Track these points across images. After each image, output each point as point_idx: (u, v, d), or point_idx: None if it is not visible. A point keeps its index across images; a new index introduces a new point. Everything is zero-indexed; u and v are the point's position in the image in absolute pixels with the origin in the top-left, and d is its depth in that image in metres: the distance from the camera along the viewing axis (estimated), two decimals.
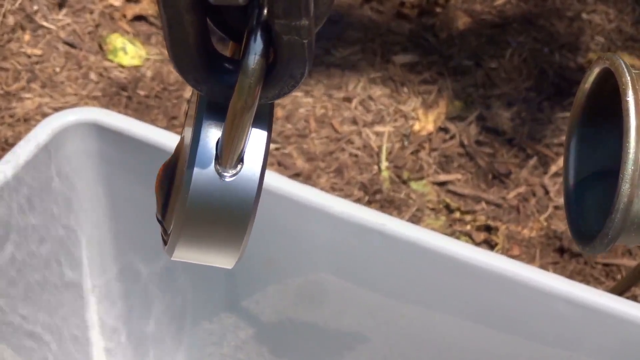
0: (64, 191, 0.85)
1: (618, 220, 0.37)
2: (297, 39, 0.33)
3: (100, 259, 0.90)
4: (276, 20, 0.33)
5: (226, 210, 0.35)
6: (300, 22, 0.33)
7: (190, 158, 0.35)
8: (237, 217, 0.36)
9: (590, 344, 0.77)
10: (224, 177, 0.35)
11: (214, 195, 0.35)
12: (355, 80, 1.44)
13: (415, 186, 1.31)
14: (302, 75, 0.34)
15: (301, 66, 0.34)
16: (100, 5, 1.51)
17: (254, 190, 0.35)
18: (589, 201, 0.41)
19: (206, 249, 0.36)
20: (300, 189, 0.81)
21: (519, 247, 1.26)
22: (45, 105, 1.38)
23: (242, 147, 0.35)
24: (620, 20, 1.54)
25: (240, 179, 0.35)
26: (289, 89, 0.35)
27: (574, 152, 0.42)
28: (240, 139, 0.35)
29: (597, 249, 0.38)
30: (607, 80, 0.40)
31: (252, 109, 0.34)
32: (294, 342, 0.89)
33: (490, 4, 1.55)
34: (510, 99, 1.42)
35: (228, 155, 0.35)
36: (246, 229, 0.36)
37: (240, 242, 0.36)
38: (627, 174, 0.36)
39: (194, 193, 0.35)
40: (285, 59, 0.34)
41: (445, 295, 0.80)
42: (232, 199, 0.35)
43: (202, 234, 0.36)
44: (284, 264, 0.85)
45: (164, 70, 1.43)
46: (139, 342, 0.94)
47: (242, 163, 0.35)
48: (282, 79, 0.35)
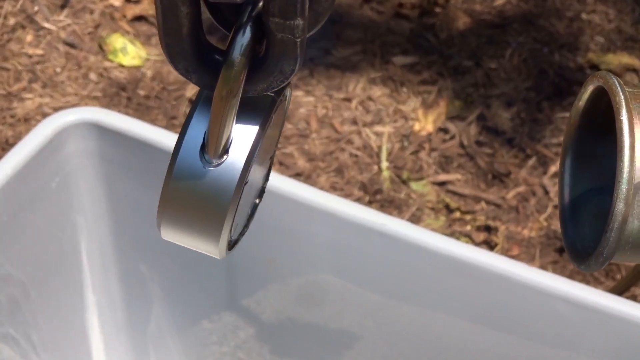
0: (64, 191, 0.85)
1: (612, 239, 0.37)
2: (290, 37, 0.35)
3: (100, 259, 0.90)
4: (271, 18, 0.34)
5: (206, 198, 0.36)
6: (294, 21, 0.34)
7: (177, 144, 0.37)
8: (216, 206, 0.37)
9: (590, 344, 0.77)
10: (207, 166, 0.36)
11: (195, 181, 0.36)
12: (355, 80, 1.44)
13: (415, 186, 1.31)
14: (292, 71, 0.36)
15: (292, 63, 0.35)
16: (101, 5, 1.51)
17: (234, 182, 0.36)
18: (584, 218, 0.41)
19: (189, 233, 0.38)
20: (300, 189, 0.81)
21: (518, 247, 1.26)
22: (46, 105, 1.38)
23: (227, 136, 0.36)
24: (620, 20, 1.54)
25: (223, 169, 0.36)
26: (277, 84, 0.36)
27: (569, 169, 0.42)
28: (224, 127, 0.36)
29: (592, 267, 0.38)
30: (601, 97, 0.40)
31: (234, 99, 0.35)
32: (294, 341, 0.89)
33: (490, 4, 1.55)
34: (510, 99, 1.42)
35: (212, 143, 0.36)
36: (224, 219, 0.37)
37: (218, 231, 0.37)
38: (622, 193, 0.36)
39: (176, 177, 0.36)
40: (277, 55, 0.35)
41: (445, 295, 0.80)
42: (213, 188, 0.36)
43: (183, 217, 0.37)
44: (284, 264, 0.85)
45: (164, 71, 1.43)
46: (139, 342, 0.94)
47: (227, 154, 0.36)
48: (272, 73, 0.36)
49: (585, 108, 0.41)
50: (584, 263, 0.39)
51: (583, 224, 0.41)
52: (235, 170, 0.36)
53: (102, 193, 0.87)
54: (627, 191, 0.36)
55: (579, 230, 0.41)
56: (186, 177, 0.36)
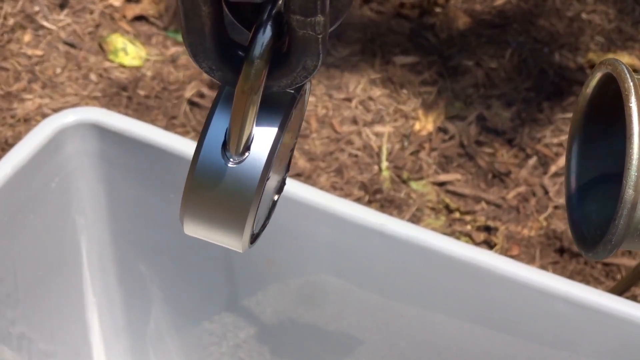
0: (64, 191, 0.85)
1: (621, 226, 0.37)
2: (312, 34, 0.35)
3: (100, 259, 0.90)
4: (292, 16, 0.35)
5: (229, 195, 0.37)
6: (315, 18, 0.35)
7: (199, 141, 0.37)
8: (239, 203, 0.37)
9: (589, 344, 0.77)
10: (229, 163, 0.37)
11: (217, 178, 0.37)
12: (355, 80, 1.44)
13: (415, 186, 1.31)
14: (315, 67, 0.36)
15: (315, 59, 0.36)
16: (101, 5, 1.51)
17: (256, 179, 0.37)
18: (591, 205, 0.41)
19: (212, 228, 0.38)
20: (300, 189, 0.81)
21: (518, 247, 1.26)
22: (46, 105, 1.38)
23: (249, 133, 0.36)
24: (620, 20, 1.54)
25: (245, 166, 0.37)
26: (301, 80, 0.37)
27: (575, 156, 0.42)
28: (245, 124, 0.36)
29: (600, 255, 0.38)
30: (609, 85, 0.40)
31: (256, 95, 0.36)
32: (294, 341, 0.89)
33: (490, 4, 1.55)
34: (510, 99, 1.42)
35: (233, 140, 0.36)
36: (247, 215, 0.37)
37: (241, 227, 0.38)
38: (631, 180, 0.36)
39: (198, 174, 0.37)
40: (300, 52, 0.36)
41: (445, 295, 0.80)
42: (234, 185, 0.37)
43: (206, 213, 0.38)
44: (284, 264, 0.85)
45: (164, 71, 1.43)
46: (138, 342, 0.94)
47: (249, 151, 0.37)
48: (295, 69, 0.36)
49: (593, 95, 0.41)
50: (592, 250, 0.39)
51: (590, 211, 0.41)
52: (257, 167, 0.37)
53: (101, 193, 0.87)
54: (636, 178, 0.36)
55: (585, 217, 0.41)
56: (208, 174, 0.37)
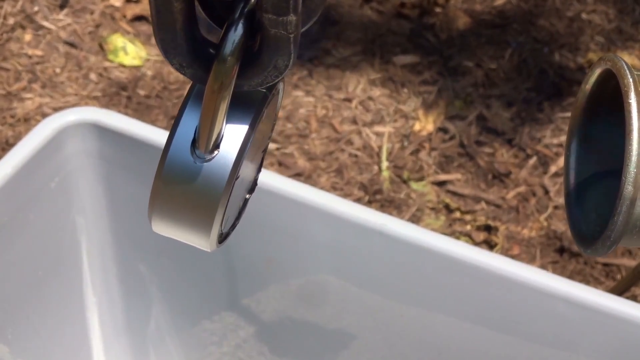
0: (64, 191, 0.85)
1: (620, 222, 0.36)
2: (284, 33, 0.35)
3: (100, 259, 0.90)
4: (264, 14, 0.34)
5: (197, 193, 0.37)
6: (288, 17, 0.34)
7: (168, 139, 0.37)
8: (207, 201, 0.37)
9: (589, 344, 0.77)
10: (198, 161, 0.36)
11: (186, 176, 0.37)
12: (355, 80, 1.44)
13: (415, 186, 1.31)
14: (286, 67, 0.36)
15: (286, 58, 0.36)
16: (101, 5, 1.51)
17: (225, 177, 0.36)
18: (590, 202, 0.41)
19: (180, 226, 0.38)
20: (300, 189, 0.81)
21: (518, 247, 1.26)
22: (46, 105, 1.38)
23: (219, 132, 0.36)
24: (620, 20, 1.54)
25: (214, 165, 0.37)
26: (272, 79, 0.36)
27: (574, 153, 0.42)
28: (215, 122, 0.36)
29: (599, 252, 0.38)
30: (608, 81, 0.39)
31: (226, 93, 0.35)
32: (294, 341, 0.89)
33: (490, 4, 1.55)
34: (510, 99, 1.42)
35: (202, 138, 0.36)
36: (214, 214, 0.37)
37: (209, 226, 0.37)
38: (630, 176, 0.36)
39: (167, 172, 0.37)
40: (271, 51, 0.35)
41: (445, 296, 0.80)
42: (204, 183, 0.37)
43: (174, 211, 0.37)
44: (284, 264, 0.85)
45: (164, 71, 1.43)
46: (139, 342, 0.94)
47: (218, 149, 0.36)
48: (267, 69, 0.36)
49: (592, 91, 0.41)
50: (591, 247, 0.39)
51: (589, 208, 0.41)
52: (226, 165, 0.36)
53: (101, 193, 0.87)
54: (635, 174, 0.36)
55: (584, 214, 0.41)
56: (177, 172, 0.37)
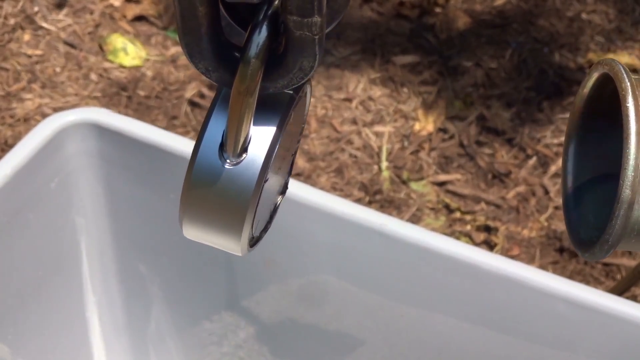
0: (64, 191, 0.85)
1: (618, 226, 0.37)
2: (309, 35, 0.35)
3: (100, 259, 0.90)
4: (289, 17, 0.35)
5: (226, 197, 0.37)
6: (312, 19, 0.34)
7: (196, 143, 0.37)
8: (236, 205, 0.37)
9: (589, 344, 0.77)
10: (227, 164, 0.36)
11: (214, 180, 0.37)
12: (355, 80, 1.44)
13: (415, 186, 1.31)
14: (312, 68, 0.36)
15: (311, 60, 0.36)
16: (101, 5, 1.51)
17: (253, 181, 0.36)
18: (588, 206, 0.41)
19: (210, 231, 0.38)
20: (300, 189, 0.81)
21: (518, 247, 1.26)
22: (46, 105, 1.38)
23: (246, 135, 0.36)
24: (620, 20, 1.54)
25: (242, 168, 0.37)
26: (297, 80, 0.37)
27: (572, 156, 0.42)
28: (242, 125, 0.36)
29: (597, 255, 0.38)
30: (606, 85, 0.40)
31: (252, 96, 0.35)
32: (294, 341, 0.89)
33: (490, 4, 1.55)
34: (510, 99, 1.42)
35: (230, 141, 0.36)
36: (244, 217, 0.37)
37: (239, 229, 0.37)
38: (628, 180, 0.36)
39: (196, 176, 0.37)
40: (296, 53, 0.36)
41: (445, 296, 0.80)
42: (232, 186, 0.37)
43: (203, 216, 0.37)
44: (284, 264, 0.85)
45: (164, 71, 1.43)
46: (139, 342, 0.94)
47: (246, 152, 0.37)
48: (292, 70, 0.36)
49: (590, 95, 0.41)
50: (589, 251, 0.39)
51: (587, 212, 0.41)
52: (254, 168, 0.37)
53: (101, 193, 0.87)
54: (633, 178, 0.36)
55: (582, 218, 0.41)
56: (206, 176, 0.37)
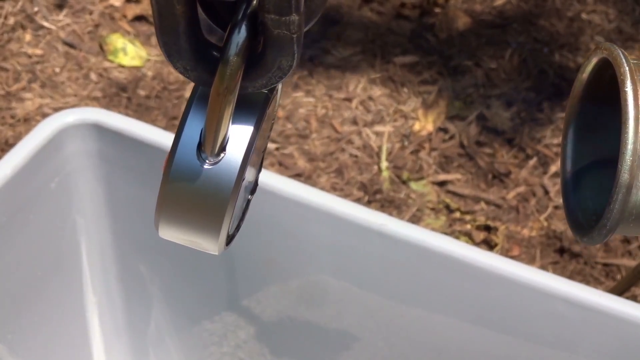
0: (64, 191, 0.85)
1: (616, 210, 0.37)
2: (287, 33, 0.35)
3: (100, 259, 0.90)
4: (267, 15, 0.34)
5: (204, 197, 0.37)
6: (290, 17, 0.34)
7: (173, 143, 0.36)
8: (215, 205, 0.37)
9: (589, 344, 0.77)
10: (205, 164, 0.36)
11: (192, 180, 0.36)
12: (355, 80, 1.44)
13: (415, 186, 1.31)
14: (290, 67, 0.36)
15: (290, 59, 0.36)
16: (100, 5, 1.51)
17: (232, 180, 0.36)
18: (586, 191, 0.41)
19: (187, 231, 0.38)
20: (300, 189, 0.81)
21: (518, 247, 1.26)
22: (46, 105, 1.38)
23: (224, 134, 0.36)
24: (620, 20, 1.54)
25: (220, 168, 0.36)
26: (276, 80, 0.36)
27: (571, 141, 0.42)
28: (220, 125, 0.36)
29: (595, 240, 0.38)
30: (605, 69, 0.40)
31: (231, 96, 0.35)
32: (294, 341, 0.89)
33: (490, 4, 1.55)
34: (510, 99, 1.42)
35: (209, 141, 0.36)
36: (223, 217, 0.37)
37: (217, 229, 0.37)
38: (626, 164, 0.36)
39: (173, 177, 0.36)
40: (275, 52, 0.35)
41: (445, 296, 0.80)
42: (210, 186, 0.36)
43: (182, 216, 0.37)
44: (284, 264, 0.85)
45: (164, 71, 1.43)
46: (139, 342, 0.94)
47: (224, 152, 0.36)
48: (271, 70, 0.36)
49: (589, 80, 0.41)
50: (587, 235, 0.39)
51: (585, 196, 0.41)
52: (233, 168, 0.36)
53: (101, 193, 0.87)
54: (631, 162, 0.36)
55: (581, 203, 0.41)
56: (184, 176, 0.36)
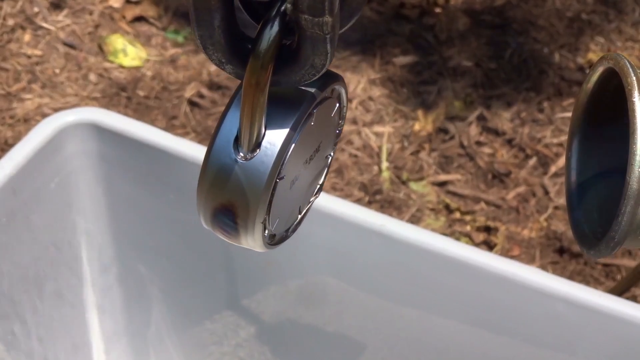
0: (64, 192, 0.85)
1: (625, 222, 0.36)
2: (320, 34, 0.35)
3: (100, 259, 0.90)
4: (300, 15, 0.35)
5: (238, 191, 0.37)
6: (323, 18, 0.34)
7: (212, 137, 0.37)
8: (246, 200, 0.37)
9: (589, 345, 0.77)
10: (239, 159, 0.37)
11: (227, 174, 0.37)
12: (355, 80, 1.44)
13: (415, 186, 1.31)
14: (324, 65, 0.36)
15: (323, 58, 0.36)
16: (100, 6, 1.51)
17: (264, 177, 0.36)
18: (592, 203, 0.41)
19: (224, 225, 0.38)
20: None
21: (518, 247, 1.26)
22: (45, 105, 1.38)
23: (259, 129, 0.36)
24: (620, 20, 1.54)
25: (254, 163, 0.37)
26: (309, 77, 0.37)
27: (576, 152, 0.41)
28: (254, 119, 0.36)
29: (602, 253, 0.38)
30: (610, 80, 0.39)
31: (262, 89, 0.36)
32: (294, 341, 0.89)
33: (490, 4, 1.55)
34: (510, 99, 1.42)
35: (244, 135, 0.36)
36: (255, 213, 0.37)
37: (251, 225, 0.37)
38: (634, 176, 0.35)
39: (209, 170, 0.37)
40: (308, 50, 0.36)
41: (445, 296, 0.80)
42: (244, 181, 0.37)
43: (218, 208, 0.37)
44: (283, 264, 0.85)
45: (163, 71, 1.43)
46: (139, 343, 0.94)
47: (259, 148, 0.36)
48: (304, 67, 0.36)
49: (594, 90, 0.40)
50: (594, 248, 0.38)
51: (591, 208, 0.40)
52: (267, 164, 0.36)
53: (101, 194, 0.87)
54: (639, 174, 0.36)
55: (586, 215, 0.40)
56: (219, 170, 0.37)
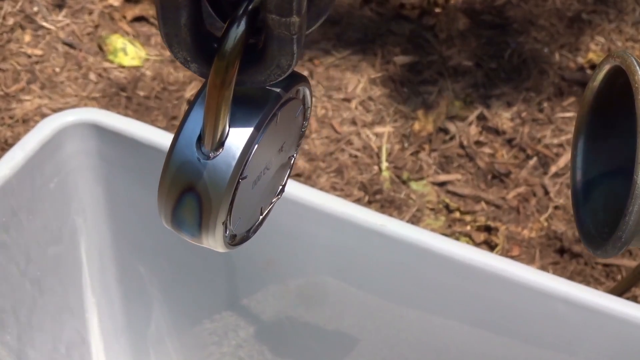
0: (63, 192, 0.85)
1: (632, 222, 0.35)
2: (287, 34, 0.35)
3: (99, 259, 0.90)
4: (268, 14, 0.34)
5: (200, 190, 0.36)
6: (291, 18, 0.34)
7: (174, 136, 0.37)
8: (208, 199, 0.37)
9: (590, 345, 0.77)
10: (202, 158, 0.36)
11: (189, 173, 0.36)
12: (355, 80, 1.43)
13: (415, 186, 1.31)
14: (289, 66, 0.36)
15: (289, 58, 0.36)
16: (100, 5, 1.51)
17: (227, 176, 0.36)
18: (598, 202, 0.40)
19: (186, 225, 0.38)
20: (300, 189, 0.81)
21: (519, 247, 1.25)
22: (45, 106, 1.38)
23: (222, 128, 0.36)
24: (620, 20, 1.54)
25: (217, 162, 0.36)
26: (275, 77, 0.36)
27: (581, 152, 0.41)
28: (218, 118, 0.36)
29: (609, 253, 0.37)
30: (617, 77, 0.39)
31: (227, 89, 0.35)
32: (294, 341, 0.89)
33: (490, 4, 1.55)
34: (510, 99, 1.42)
35: (207, 134, 0.36)
36: (217, 212, 0.37)
37: (213, 225, 0.37)
38: None
39: (171, 168, 0.36)
40: (274, 50, 0.35)
41: (445, 297, 0.80)
42: (207, 180, 0.36)
43: (179, 208, 0.37)
44: (283, 264, 0.85)
45: (164, 71, 1.43)
46: (139, 343, 0.94)
47: (222, 147, 0.36)
48: (270, 67, 0.36)
49: (600, 89, 0.40)
50: (600, 248, 0.38)
51: (597, 208, 0.40)
52: (229, 163, 0.36)
53: (101, 194, 0.87)
54: None
55: (592, 214, 0.40)
56: (181, 168, 0.36)
